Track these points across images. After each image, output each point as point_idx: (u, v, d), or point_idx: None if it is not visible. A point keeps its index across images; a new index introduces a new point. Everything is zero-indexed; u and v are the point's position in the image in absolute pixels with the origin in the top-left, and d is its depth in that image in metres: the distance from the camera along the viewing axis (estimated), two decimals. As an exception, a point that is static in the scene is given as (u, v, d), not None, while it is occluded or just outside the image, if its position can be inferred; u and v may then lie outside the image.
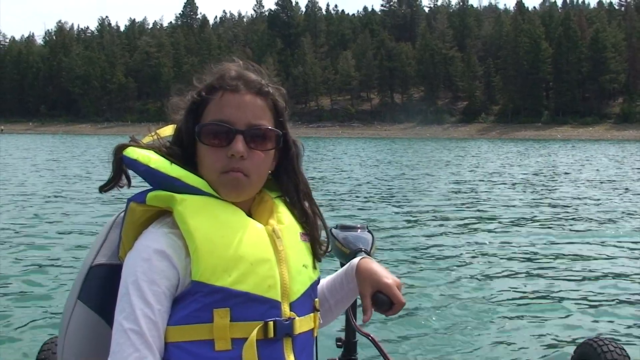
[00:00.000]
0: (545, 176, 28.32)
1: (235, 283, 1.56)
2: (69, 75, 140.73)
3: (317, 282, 1.81)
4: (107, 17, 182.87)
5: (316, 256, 1.82)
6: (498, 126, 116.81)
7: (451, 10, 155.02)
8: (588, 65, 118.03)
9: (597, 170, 32.43)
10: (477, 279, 8.99)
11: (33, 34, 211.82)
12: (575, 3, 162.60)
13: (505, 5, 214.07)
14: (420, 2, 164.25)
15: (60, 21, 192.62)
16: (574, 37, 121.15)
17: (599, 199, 19.24)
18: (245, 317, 1.57)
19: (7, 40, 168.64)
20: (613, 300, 8.01)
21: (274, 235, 1.68)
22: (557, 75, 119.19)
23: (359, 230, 2.47)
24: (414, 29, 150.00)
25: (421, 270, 9.59)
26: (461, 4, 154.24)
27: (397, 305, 1.79)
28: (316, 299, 1.79)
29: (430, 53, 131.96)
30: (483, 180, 25.78)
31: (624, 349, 3.14)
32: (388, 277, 1.82)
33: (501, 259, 10.39)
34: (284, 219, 1.76)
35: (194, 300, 1.55)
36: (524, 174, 29.65)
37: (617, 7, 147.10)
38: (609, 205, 17.84)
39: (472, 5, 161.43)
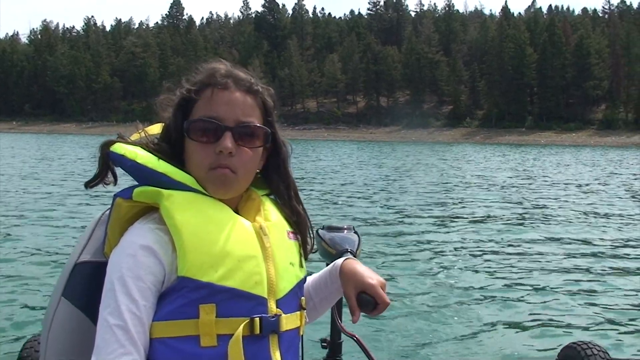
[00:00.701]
0: (531, 179, 28.66)
1: (222, 279, 1.55)
2: (54, 75, 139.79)
3: (304, 280, 1.81)
4: (92, 16, 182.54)
5: (304, 255, 1.83)
6: (482, 131, 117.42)
7: (437, 15, 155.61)
8: (572, 72, 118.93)
9: (580, 174, 32.90)
10: (461, 280, 9.09)
11: (18, 32, 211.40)
12: (560, 9, 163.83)
13: (491, 10, 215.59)
14: (407, 6, 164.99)
15: (45, 20, 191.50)
16: (559, 43, 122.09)
17: (574, 202, 19.68)
18: (231, 313, 1.56)
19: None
20: (597, 303, 8.12)
21: (261, 232, 1.68)
22: (541, 80, 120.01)
23: (345, 231, 2.49)
24: (400, 33, 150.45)
25: (406, 269, 9.68)
26: (447, 8, 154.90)
27: (382, 305, 1.78)
28: (302, 297, 1.78)
29: (416, 57, 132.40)
30: (464, 182, 26.13)
31: (607, 352, 3.16)
32: (372, 277, 1.81)
33: (484, 261, 10.52)
34: (271, 217, 1.76)
35: (179, 295, 1.54)
36: (508, 177, 30.04)
37: (601, 15, 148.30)
38: (590, 207, 18.21)
39: (458, 10, 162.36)
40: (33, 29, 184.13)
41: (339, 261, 1.91)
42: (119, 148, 1.66)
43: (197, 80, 1.71)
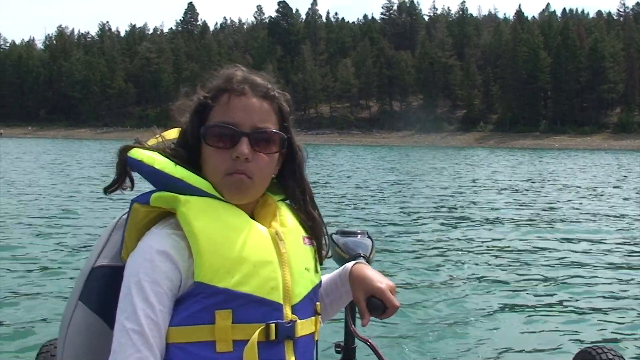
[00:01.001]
0: (546, 183, 28.56)
1: (238, 284, 1.56)
2: (68, 80, 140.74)
3: (319, 285, 1.82)
4: (107, 22, 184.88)
5: (320, 260, 1.84)
6: (496, 135, 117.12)
7: (450, 19, 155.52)
8: (586, 75, 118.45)
9: (594, 177, 32.75)
10: (475, 283, 9.08)
11: (33, 38, 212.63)
12: (574, 13, 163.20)
13: (505, 14, 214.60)
14: (420, 10, 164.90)
15: (60, 26, 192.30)
16: (573, 46, 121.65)
17: (592, 206, 19.51)
18: (247, 319, 1.57)
19: (8, 44, 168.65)
20: (612, 307, 8.04)
21: (277, 238, 1.68)
22: (555, 84, 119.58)
23: (359, 236, 2.50)
24: (413, 38, 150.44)
25: (420, 273, 9.67)
26: (461, 12, 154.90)
27: (391, 308, 1.79)
28: (317, 303, 1.79)
29: (430, 61, 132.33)
30: (478, 186, 26.10)
31: (622, 357, 3.12)
32: (381, 281, 1.82)
33: (498, 264, 10.50)
34: (287, 222, 1.76)
35: (196, 301, 1.55)
36: (524, 181, 29.93)
37: (615, 17, 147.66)
38: (609, 210, 18.17)
39: (471, 14, 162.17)
40: (48, 34, 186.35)
41: (349, 265, 1.92)
42: (137, 153, 1.67)
43: (214, 86, 1.72)
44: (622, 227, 14.96)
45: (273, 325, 1.59)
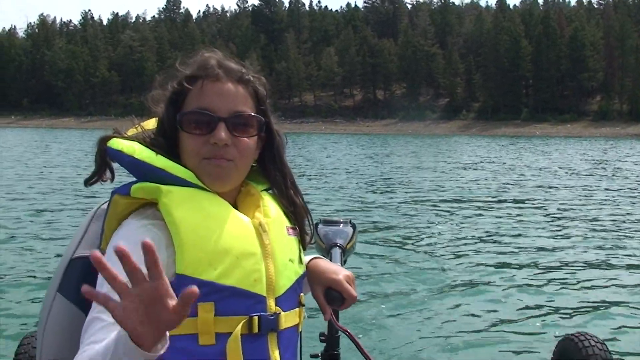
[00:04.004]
0: (532, 169, 29.02)
1: (221, 277, 1.53)
2: (52, 69, 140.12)
3: (303, 276, 1.79)
4: (89, 10, 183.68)
5: (303, 246, 1.83)
6: (478, 123, 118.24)
7: (433, 7, 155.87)
8: (567, 63, 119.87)
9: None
10: (456, 274, 9.11)
11: (15, 26, 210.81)
12: (555, 1, 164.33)
13: (487, 2, 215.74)
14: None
15: (42, 14, 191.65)
16: (554, 35, 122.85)
17: (572, 192, 20.10)
18: (230, 311, 1.54)
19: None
20: (594, 295, 8.10)
21: (260, 229, 1.66)
22: (536, 72, 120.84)
23: (341, 225, 2.50)
24: (396, 26, 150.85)
25: (403, 263, 9.71)
26: (443, 1, 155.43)
27: (349, 299, 1.80)
28: (301, 294, 1.77)
29: (412, 50, 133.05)
30: (460, 174, 26.53)
31: (604, 344, 3.14)
32: (337, 272, 1.83)
33: (481, 254, 10.56)
34: (271, 212, 1.73)
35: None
36: (506, 167, 30.41)
37: (596, 6, 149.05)
38: (591, 198, 18.55)
39: (453, 3, 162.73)
40: (30, 23, 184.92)
41: (306, 259, 1.88)
42: (116, 143, 1.63)
43: (188, 74, 1.69)
44: (615, 216, 14.96)
45: (256, 317, 1.57)
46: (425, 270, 9.34)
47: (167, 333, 1.31)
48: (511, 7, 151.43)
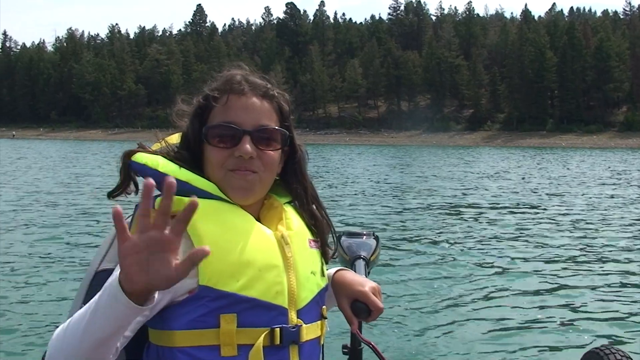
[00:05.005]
0: (559, 181, 28.89)
1: (243, 289, 1.55)
2: (79, 82, 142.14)
3: (325, 289, 1.79)
4: (117, 24, 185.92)
5: (325, 259, 1.83)
6: (503, 134, 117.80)
7: (457, 19, 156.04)
8: (592, 74, 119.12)
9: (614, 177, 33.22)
10: (482, 285, 9.11)
11: (44, 40, 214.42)
12: (581, 12, 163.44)
13: (512, 13, 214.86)
14: (427, 10, 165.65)
15: (70, 28, 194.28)
16: (579, 46, 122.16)
17: (601, 204, 20.04)
18: (251, 323, 1.56)
19: (19, 47, 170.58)
20: (620, 307, 8.06)
21: (283, 242, 1.67)
22: (561, 83, 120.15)
23: (365, 237, 2.51)
24: (420, 38, 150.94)
25: (428, 275, 9.70)
26: (467, 12, 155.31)
27: (375, 311, 1.81)
28: (324, 307, 1.77)
29: (437, 61, 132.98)
30: (484, 185, 26.50)
31: (630, 358, 3.05)
32: (363, 284, 1.84)
33: (506, 265, 10.55)
34: (293, 225, 1.75)
35: (200, 305, 1.52)
36: (532, 179, 30.30)
37: (622, 17, 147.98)
38: (618, 211, 18.48)
39: (478, 14, 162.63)
40: (58, 37, 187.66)
41: (331, 272, 1.92)
42: (141, 157, 1.65)
43: (214, 87, 1.72)
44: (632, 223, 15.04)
45: (278, 329, 1.58)
46: (449, 278, 9.44)
47: (156, 295, 1.36)
48: (536, 18, 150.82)
